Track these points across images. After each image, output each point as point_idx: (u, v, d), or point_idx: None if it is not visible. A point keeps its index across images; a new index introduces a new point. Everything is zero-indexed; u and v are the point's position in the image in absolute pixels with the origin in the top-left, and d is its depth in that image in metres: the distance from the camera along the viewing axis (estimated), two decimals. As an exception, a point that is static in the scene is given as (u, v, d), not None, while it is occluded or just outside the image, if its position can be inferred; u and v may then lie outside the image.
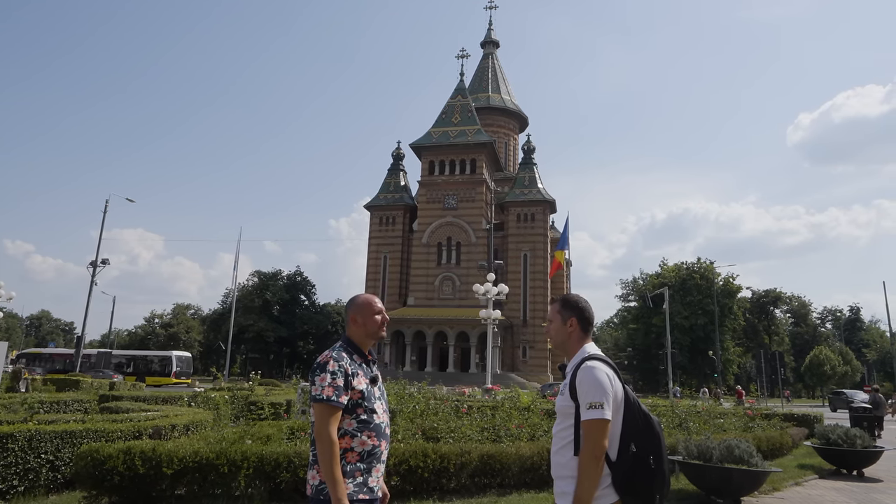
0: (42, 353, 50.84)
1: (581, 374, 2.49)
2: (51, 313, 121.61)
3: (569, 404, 2.52)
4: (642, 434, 2.46)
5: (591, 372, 2.47)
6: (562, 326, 2.73)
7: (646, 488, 2.42)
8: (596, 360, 2.54)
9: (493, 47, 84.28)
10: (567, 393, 2.54)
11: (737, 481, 7.55)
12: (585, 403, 2.42)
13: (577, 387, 2.48)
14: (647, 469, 2.42)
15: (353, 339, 3.01)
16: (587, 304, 2.79)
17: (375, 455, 2.87)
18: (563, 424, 2.55)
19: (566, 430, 2.53)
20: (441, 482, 7.25)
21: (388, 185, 70.67)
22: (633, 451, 2.43)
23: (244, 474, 6.06)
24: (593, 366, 2.50)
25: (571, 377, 2.56)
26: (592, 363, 2.52)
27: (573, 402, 2.49)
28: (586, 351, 2.63)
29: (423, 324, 59.86)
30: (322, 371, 2.79)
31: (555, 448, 2.59)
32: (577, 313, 2.73)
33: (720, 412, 13.19)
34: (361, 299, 3.08)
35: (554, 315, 2.78)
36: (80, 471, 5.84)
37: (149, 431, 7.56)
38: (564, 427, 2.54)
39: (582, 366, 2.53)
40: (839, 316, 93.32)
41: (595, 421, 2.38)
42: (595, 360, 2.54)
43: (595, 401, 2.40)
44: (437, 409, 10.30)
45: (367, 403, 2.86)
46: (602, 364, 2.53)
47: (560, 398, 2.61)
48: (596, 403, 2.40)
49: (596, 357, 2.57)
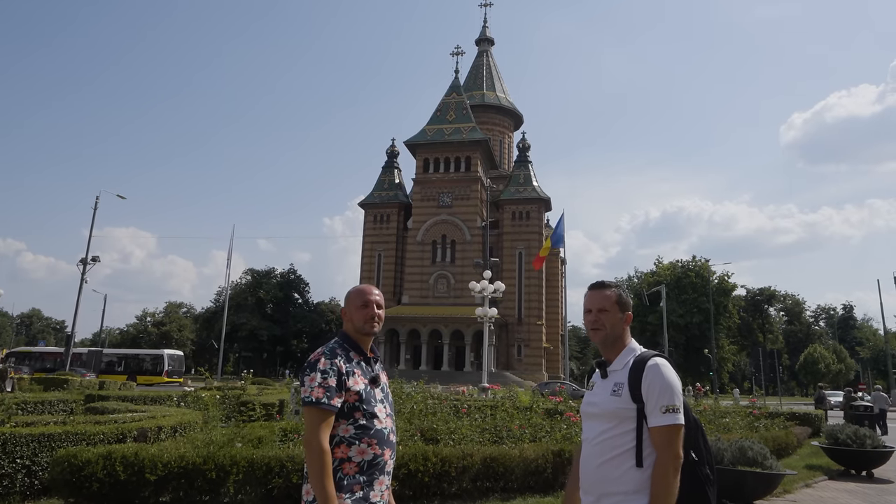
0: (32, 351, 50.08)
1: (652, 373, 2.20)
2: (42, 312, 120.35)
3: (628, 406, 2.21)
4: (698, 442, 2.24)
5: (664, 371, 2.20)
6: (619, 319, 2.42)
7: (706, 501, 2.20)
8: (663, 359, 2.27)
9: (487, 45, 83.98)
10: (626, 393, 2.22)
11: (751, 485, 7.23)
12: (660, 406, 2.14)
13: (646, 387, 2.19)
14: (707, 481, 2.21)
15: (349, 334, 2.64)
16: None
17: (378, 466, 2.49)
18: (617, 430, 2.21)
19: (621, 437, 2.19)
20: (442, 486, 6.91)
21: (383, 183, 70.27)
22: (694, 460, 2.21)
23: (233, 480, 5.69)
24: (664, 364, 2.23)
25: (632, 375, 2.23)
26: (662, 361, 2.25)
27: (634, 405, 2.19)
28: (635, 348, 2.37)
29: (418, 322, 59.53)
30: (312, 370, 2.44)
31: (602, 458, 2.23)
32: (630, 308, 2.48)
33: (724, 411, 12.90)
34: (351, 290, 2.72)
35: (610, 306, 2.42)
36: (57, 477, 5.45)
37: (133, 434, 7.16)
38: (619, 433, 2.20)
39: (650, 363, 2.24)
40: (832, 314, 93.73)
41: (675, 427, 2.12)
42: (662, 357, 2.28)
43: (671, 404, 2.14)
44: (435, 409, 9.97)
45: (367, 407, 2.49)
46: (670, 363, 2.28)
47: (611, 399, 2.26)
48: (672, 407, 2.13)
49: (660, 355, 2.31)
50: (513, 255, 64.73)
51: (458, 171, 65.50)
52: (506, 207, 66.40)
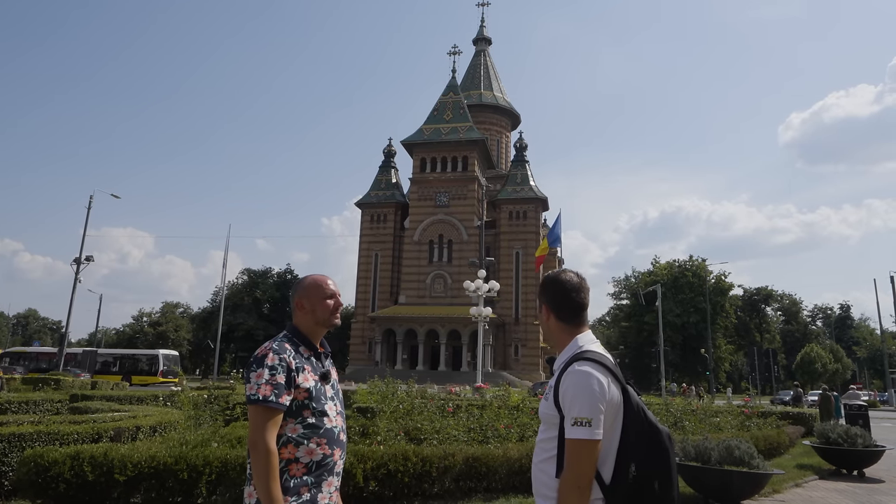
0: (27, 351, 49.82)
1: (567, 380, 1.94)
2: (38, 312, 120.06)
3: (552, 413, 1.97)
4: (646, 451, 1.90)
5: (580, 378, 1.91)
6: (540, 316, 2.21)
7: None
8: (587, 362, 1.95)
9: (485, 44, 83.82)
10: (551, 398, 1.99)
11: (737, 484, 7.11)
12: (570, 418, 1.88)
13: (562, 394, 1.93)
14: (652, 497, 1.89)
15: (301, 328, 2.49)
16: (563, 283, 2.15)
17: (326, 466, 2.35)
18: (547, 434, 2.02)
19: (549, 443, 1.99)
20: (423, 487, 6.79)
21: (380, 183, 70.10)
22: (632, 474, 1.89)
23: (206, 480, 5.56)
24: (582, 370, 1.92)
25: (556, 379, 2.00)
26: (582, 365, 1.94)
27: (557, 413, 1.95)
28: (577, 345, 2.07)
29: (415, 322, 59.38)
30: (259, 366, 2.28)
31: (537, 458, 2.07)
32: (547, 298, 2.17)
33: (715, 410, 12.81)
34: (309, 280, 2.57)
35: (541, 301, 2.24)
36: (23, 478, 5.30)
37: (110, 434, 7.04)
38: (548, 438, 2.01)
39: (569, 367, 1.97)
40: (829, 314, 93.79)
41: (581, 442, 1.84)
42: (586, 360, 1.96)
43: (582, 416, 1.85)
44: (422, 408, 9.86)
45: (316, 405, 2.35)
46: (594, 366, 1.94)
47: (544, 403, 2.06)
48: (583, 420, 1.85)
49: (587, 356, 1.98)
50: (510, 254, 64.64)
51: (455, 171, 65.34)
52: (503, 207, 66.27)
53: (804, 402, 25.14)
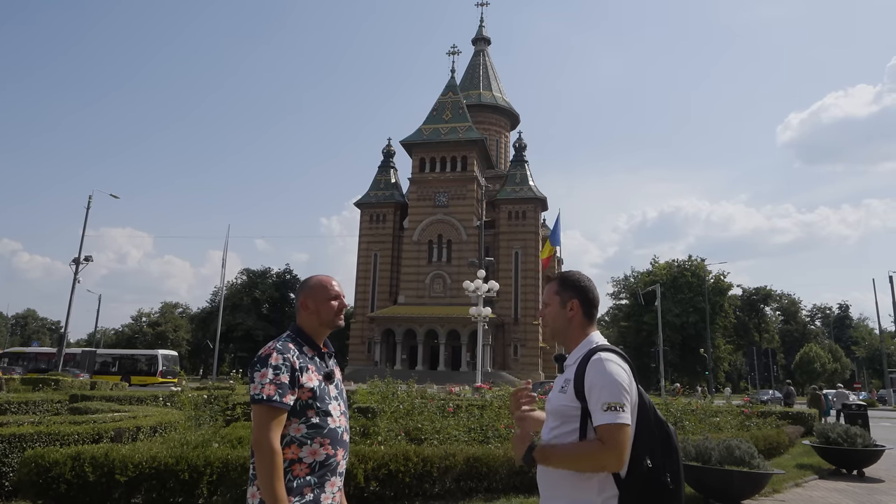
0: (25, 352, 49.81)
1: (593, 368, 2.00)
2: (37, 312, 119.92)
3: (572, 404, 2.03)
4: (660, 447, 1.99)
5: (607, 366, 1.99)
6: (560, 310, 2.23)
7: None
8: (610, 352, 2.06)
9: (484, 44, 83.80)
10: (571, 390, 2.04)
11: (738, 484, 7.13)
12: (601, 404, 1.93)
13: (588, 383, 1.99)
14: (665, 490, 1.95)
15: (305, 328, 2.51)
16: (591, 283, 2.28)
17: (330, 466, 2.36)
18: (562, 429, 2.06)
19: (566, 437, 2.04)
20: (424, 487, 6.80)
21: (379, 183, 70.08)
22: (647, 467, 1.95)
23: (207, 481, 5.56)
24: (608, 358, 2.02)
25: (577, 371, 2.06)
26: (607, 355, 2.04)
27: (579, 402, 2.01)
28: (593, 341, 2.16)
29: (414, 322, 59.38)
30: (263, 366, 2.30)
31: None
32: (579, 294, 2.24)
33: (715, 410, 12.82)
34: (314, 281, 2.59)
35: (551, 297, 2.27)
36: (24, 478, 5.31)
37: (110, 434, 7.04)
38: (564, 432, 2.05)
39: (593, 357, 2.04)
40: (828, 314, 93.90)
41: (616, 426, 1.90)
42: (609, 351, 2.07)
43: (613, 401, 1.92)
44: (422, 408, 9.85)
45: (320, 404, 2.36)
46: (618, 357, 2.06)
47: (558, 396, 2.11)
48: (615, 405, 1.91)
49: (609, 348, 2.09)
50: (509, 254, 64.66)
51: (455, 171, 65.33)
52: (502, 207, 66.29)
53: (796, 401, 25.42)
